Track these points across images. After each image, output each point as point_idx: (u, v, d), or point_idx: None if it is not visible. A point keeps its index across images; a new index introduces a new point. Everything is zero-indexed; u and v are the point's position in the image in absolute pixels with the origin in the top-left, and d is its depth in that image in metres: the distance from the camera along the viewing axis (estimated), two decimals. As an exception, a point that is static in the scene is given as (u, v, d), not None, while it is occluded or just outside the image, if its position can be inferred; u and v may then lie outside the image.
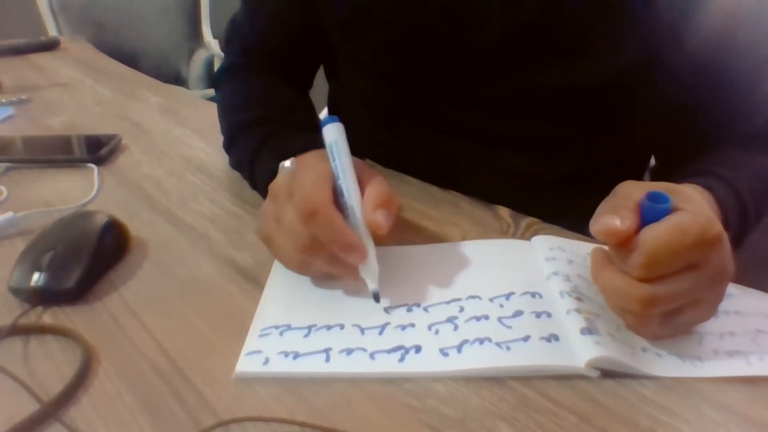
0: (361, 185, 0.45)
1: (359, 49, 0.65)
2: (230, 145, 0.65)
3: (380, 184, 0.45)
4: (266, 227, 0.46)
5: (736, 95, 0.56)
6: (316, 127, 0.48)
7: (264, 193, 0.48)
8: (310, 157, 0.47)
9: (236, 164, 0.64)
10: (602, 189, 0.41)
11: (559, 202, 0.64)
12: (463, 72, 0.60)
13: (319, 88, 0.78)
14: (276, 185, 0.45)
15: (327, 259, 0.42)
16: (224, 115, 0.67)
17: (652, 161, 0.72)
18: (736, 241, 0.39)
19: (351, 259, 0.41)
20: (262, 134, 0.59)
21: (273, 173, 0.49)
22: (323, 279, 0.45)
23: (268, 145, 0.57)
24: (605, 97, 0.57)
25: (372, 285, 0.43)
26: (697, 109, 0.57)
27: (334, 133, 0.46)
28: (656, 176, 0.72)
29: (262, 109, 0.64)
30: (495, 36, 0.56)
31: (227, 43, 0.74)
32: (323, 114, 0.89)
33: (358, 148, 0.74)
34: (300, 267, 0.45)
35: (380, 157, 0.69)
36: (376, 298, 0.42)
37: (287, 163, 0.51)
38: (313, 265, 0.44)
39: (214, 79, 0.74)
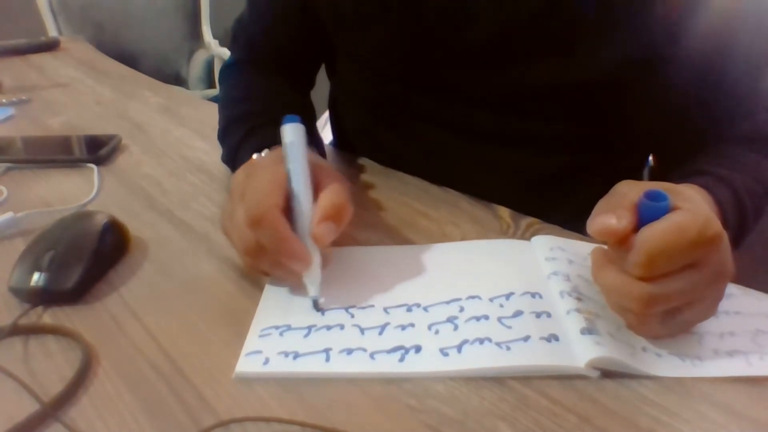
0: (319, 190, 0.45)
1: (356, 46, 0.65)
2: (222, 138, 0.65)
3: (334, 192, 0.44)
4: (223, 223, 0.47)
5: (734, 94, 0.56)
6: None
7: None
8: (270, 157, 0.47)
9: (224, 157, 0.65)
10: (599, 185, 0.41)
11: (556, 198, 0.64)
12: (459, 69, 0.60)
13: (320, 87, 0.78)
14: (234, 183, 0.46)
15: (271, 264, 0.43)
16: (221, 108, 0.68)
17: (651, 161, 0.72)
18: (735, 242, 0.40)
19: (294, 267, 0.42)
20: (246, 128, 0.59)
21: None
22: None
23: (248, 138, 0.58)
24: (601, 94, 0.57)
25: (312, 292, 0.43)
26: (695, 107, 0.57)
27: (291, 134, 0.45)
28: (655, 176, 0.72)
29: (253, 104, 0.64)
30: (489, 32, 0.56)
31: (233, 40, 0.74)
32: (325, 115, 0.89)
33: (356, 145, 0.74)
34: (247, 267, 0.45)
35: (378, 153, 0.69)
36: (316, 305, 0.43)
37: (263, 155, 0.51)
38: (259, 268, 0.44)
39: (219, 75, 0.75)
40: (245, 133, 0.59)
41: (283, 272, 0.43)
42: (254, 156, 0.53)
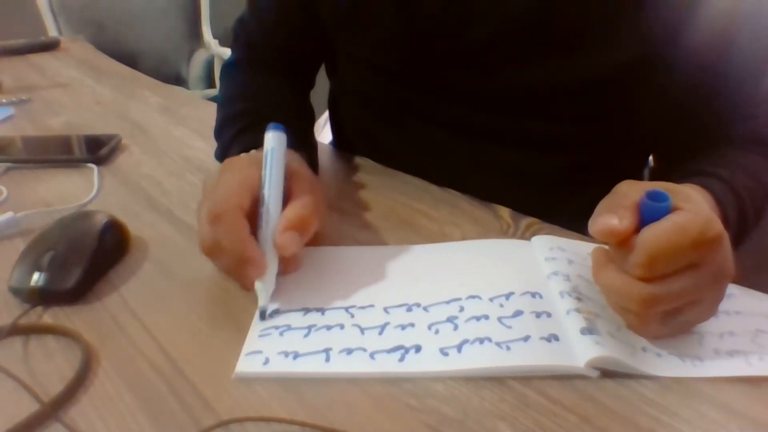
0: (290, 200, 0.45)
1: (357, 44, 0.65)
2: (217, 136, 0.66)
3: (302, 205, 0.44)
4: (197, 215, 0.47)
5: (735, 96, 0.56)
6: (289, 126, 0.49)
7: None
8: (248, 158, 0.47)
9: (217, 154, 0.64)
10: (600, 185, 0.41)
11: (556, 198, 0.64)
12: (459, 68, 0.60)
13: (320, 87, 0.78)
14: (207, 179, 0.47)
15: (227, 265, 0.43)
16: (218, 107, 0.68)
17: (651, 162, 0.72)
18: (735, 243, 0.40)
19: (247, 271, 0.42)
20: (238, 127, 0.59)
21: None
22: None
23: (239, 137, 0.58)
24: (601, 94, 0.57)
25: (262, 301, 0.42)
26: (695, 108, 0.57)
27: (273, 141, 0.45)
28: (655, 177, 0.72)
29: (247, 103, 0.64)
30: (489, 32, 0.56)
31: (234, 39, 0.74)
32: (325, 115, 0.89)
33: (356, 145, 0.74)
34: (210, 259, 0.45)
35: (377, 153, 0.69)
36: (262, 315, 0.42)
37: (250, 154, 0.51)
38: (216, 266, 0.45)
39: (219, 74, 0.75)
40: (237, 131, 0.59)
41: (237, 275, 0.43)
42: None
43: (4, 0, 2.06)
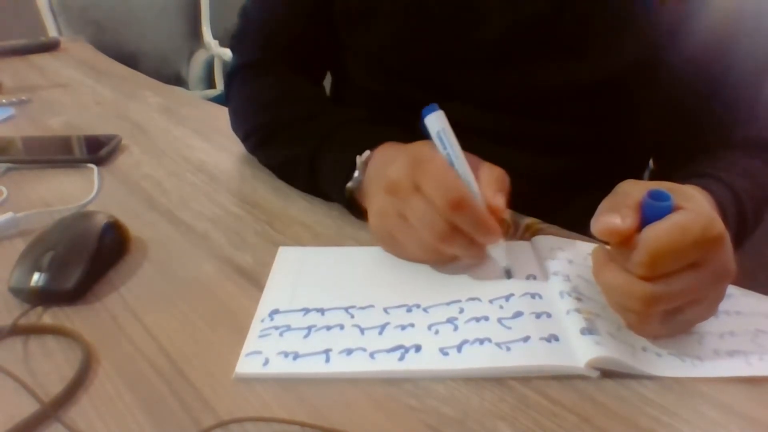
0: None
1: (364, 40, 0.65)
2: (268, 141, 0.64)
3: (492, 167, 0.46)
4: (386, 225, 0.46)
5: (736, 100, 0.56)
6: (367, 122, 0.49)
7: (331, 186, 0.52)
8: (417, 148, 0.46)
9: (284, 161, 0.62)
10: (600, 187, 0.41)
11: (556, 199, 0.64)
12: (466, 68, 0.60)
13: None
14: (392, 180, 0.44)
15: (464, 245, 0.43)
16: (261, 109, 0.66)
17: (651, 165, 0.72)
18: (734, 245, 0.40)
19: (489, 241, 0.43)
20: (321, 127, 0.58)
21: (348, 166, 0.51)
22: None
23: (332, 137, 0.56)
24: (603, 96, 0.57)
25: (505, 261, 0.45)
26: (697, 110, 0.57)
27: (440, 122, 0.45)
28: (655, 179, 0.72)
29: (310, 104, 0.64)
30: (497, 32, 0.56)
31: (241, 34, 0.72)
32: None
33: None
34: (431, 257, 0.45)
35: None
36: (509, 274, 0.45)
37: (363, 157, 0.52)
38: (447, 253, 0.44)
39: (227, 73, 0.72)
40: (324, 134, 0.57)
41: (474, 251, 0.44)
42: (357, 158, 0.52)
43: (4, 0, 2.06)
